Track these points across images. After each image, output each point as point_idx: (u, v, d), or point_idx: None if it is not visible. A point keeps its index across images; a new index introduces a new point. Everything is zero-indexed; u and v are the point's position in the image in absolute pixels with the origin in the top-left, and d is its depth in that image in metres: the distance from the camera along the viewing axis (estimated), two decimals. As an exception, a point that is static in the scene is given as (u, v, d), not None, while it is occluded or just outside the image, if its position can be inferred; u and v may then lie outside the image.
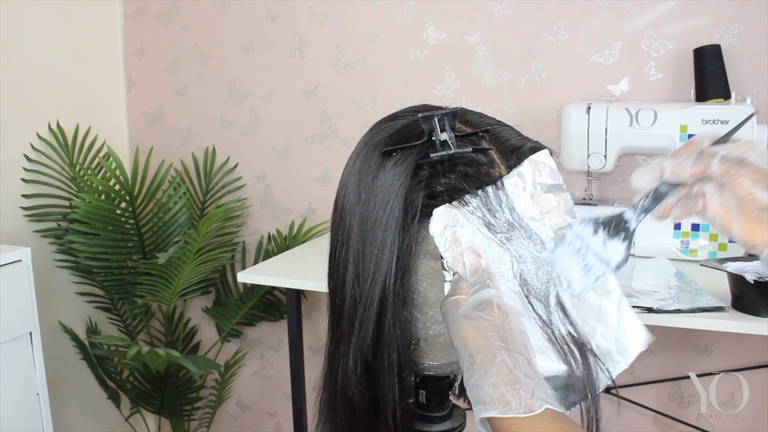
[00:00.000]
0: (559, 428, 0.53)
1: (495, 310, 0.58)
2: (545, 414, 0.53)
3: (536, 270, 0.63)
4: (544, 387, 0.56)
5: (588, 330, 0.64)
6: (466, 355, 0.58)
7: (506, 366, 0.55)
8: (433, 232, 0.61)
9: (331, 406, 0.69)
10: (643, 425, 2.05)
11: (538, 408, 0.53)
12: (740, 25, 1.78)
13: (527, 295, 0.62)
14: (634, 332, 0.65)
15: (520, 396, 0.54)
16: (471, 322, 0.58)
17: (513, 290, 0.62)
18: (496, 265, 0.62)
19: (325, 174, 2.29)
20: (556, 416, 0.54)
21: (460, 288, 0.61)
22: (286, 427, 2.55)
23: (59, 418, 2.24)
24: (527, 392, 0.54)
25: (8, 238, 2.09)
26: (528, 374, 0.55)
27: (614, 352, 0.65)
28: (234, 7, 2.31)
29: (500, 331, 0.57)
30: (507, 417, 0.53)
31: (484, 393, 0.55)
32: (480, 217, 0.62)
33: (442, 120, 0.62)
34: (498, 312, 0.58)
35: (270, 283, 1.82)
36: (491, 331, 0.57)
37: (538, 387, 0.55)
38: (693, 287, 1.47)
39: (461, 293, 0.61)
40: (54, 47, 2.24)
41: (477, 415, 0.56)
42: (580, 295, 0.63)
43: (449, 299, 0.61)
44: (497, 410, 0.54)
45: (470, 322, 0.58)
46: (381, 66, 2.16)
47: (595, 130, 1.75)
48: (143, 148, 2.50)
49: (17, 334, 1.72)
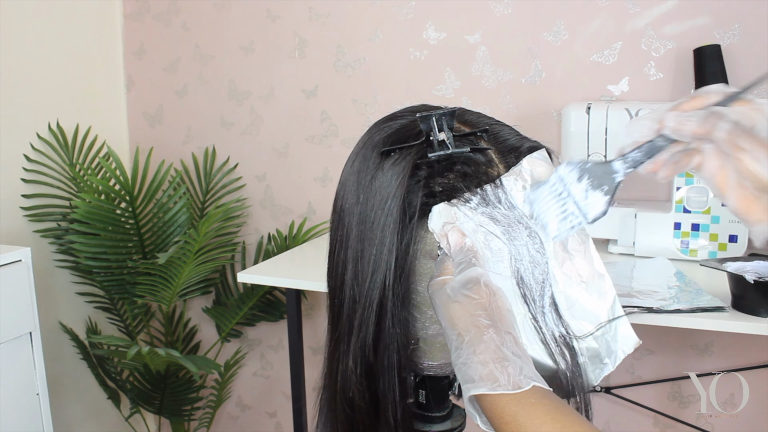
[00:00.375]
0: (548, 405, 0.53)
1: (482, 288, 0.58)
2: (533, 391, 0.54)
3: (533, 269, 0.63)
4: (531, 365, 0.56)
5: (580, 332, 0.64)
6: (454, 334, 0.58)
7: (494, 343, 0.55)
8: (432, 228, 0.61)
9: (331, 407, 0.69)
10: (643, 425, 2.05)
11: (526, 385, 0.54)
12: (740, 25, 1.78)
13: (523, 294, 0.62)
14: (624, 336, 0.65)
15: (508, 373, 0.54)
16: (458, 301, 0.58)
17: (509, 289, 0.62)
18: (494, 264, 0.62)
19: (325, 174, 2.29)
20: (544, 393, 0.54)
21: (445, 268, 0.61)
22: (286, 427, 2.55)
23: (59, 418, 2.24)
24: (515, 369, 0.54)
25: (8, 238, 2.09)
26: (515, 352, 0.56)
27: (603, 354, 0.65)
28: (234, 7, 2.31)
29: (487, 310, 0.57)
30: (496, 394, 0.54)
31: (472, 371, 0.55)
32: (478, 216, 0.62)
33: (440, 120, 0.62)
34: (485, 290, 0.58)
35: (270, 283, 1.81)
36: (478, 309, 0.57)
37: (525, 365, 0.55)
38: (693, 287, 1.47)
39: (447, 273, 0.61)
40: (54, 47, 2.24)
41: (465, 394, 0.56)
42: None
43: (435, 280, 0.61)
44: (486, 387, 0.54)
45: (457, 301, 0.58)
46: (381, 66, 2.16)
47: (595, 130, 1.75)
48: (143, 148, 2.50)
49: (17, 334, 1.72)
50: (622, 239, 1.77)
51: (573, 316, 0.64)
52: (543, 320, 0.63)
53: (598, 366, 0.65)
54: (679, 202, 1.70)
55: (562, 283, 0.63)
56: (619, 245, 1.78)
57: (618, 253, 1.78)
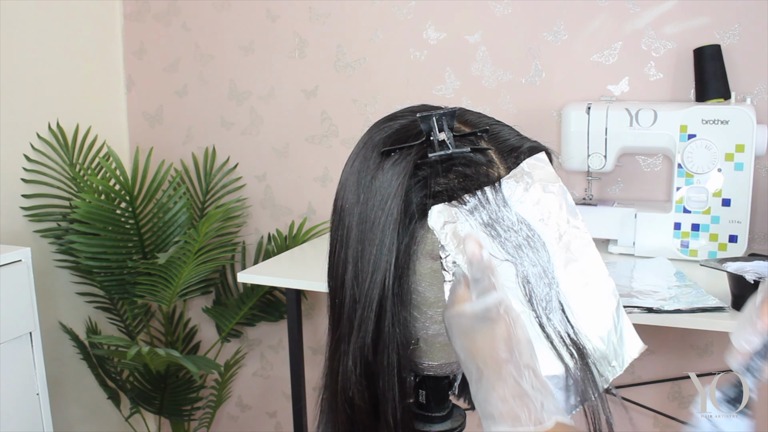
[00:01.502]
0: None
1: (502, 317, 0.56)
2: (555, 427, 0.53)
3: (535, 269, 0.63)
4: (552, 398, 0.55)
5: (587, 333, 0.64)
6: (474, 367, 0.56)
7: (513, 378, 0.54)
8: (432, 225, 0.61)
9: (332, 407, 0.69)
10: (643, 425, 2.05)
11: (548, 421, 0.53)
12: (740, 25, 1.78)
13: (529, 296, 0.62)
14: (630, 339, 0.65)
15: (529, 409, 0.53)
16: (477, 332, 0.56)
17: (512, 290, 0.62)
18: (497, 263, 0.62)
19: (325, 174, 2.29)
20: (566, 428, 0.53)
21: (459, 296, 0.59)
22: (286, 427, 2.55)
23: (59, 418, 2.24)
24: (536, 405, 0.53)
25: (8, 238, 2.09)
26: (535, 386, 0.54)
27: (611, 356, 0.65)
28: (234, 7, 2.31)
29: (507, 342, 0.55)
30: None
31: (492, 407, 0.54)
32: (479, 217, 0.61)
33: (440, 120, 0.62)
34: (505, 319, 0.56)
35: (270, 283, 1.81)
36: (498, 342, 0.55)
37: (546, 399, 0.54)
38: (693, 287, 1.47)
39: (462, 300, 0.59)
40: (54, 47, 2.24)
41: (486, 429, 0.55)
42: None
43: (451, 309, 0.59)
44: (507, 425, 0.53)
45: (476, 332, 0.56)
46: (381, 66, 2.16)
47: (595, 130, 1.75)
48: (143, 148, 2.50)
49: (17, 334, 1.72)
50: (622, 239, 1.77)
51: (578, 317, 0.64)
52: (548, 320, 0.62)
53: (607, 368, 0.64)
54: (679, 202, 1.70)
55: (566, 283, 0.63)
56: (619, 245, 1.78)
57: (618, 253, 1.78)
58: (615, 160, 1.78)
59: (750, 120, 1.61)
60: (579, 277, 0.64)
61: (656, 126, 1.69)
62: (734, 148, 1.63)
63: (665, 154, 1.84)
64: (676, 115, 1.67)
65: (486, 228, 0.62)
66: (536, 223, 0.63)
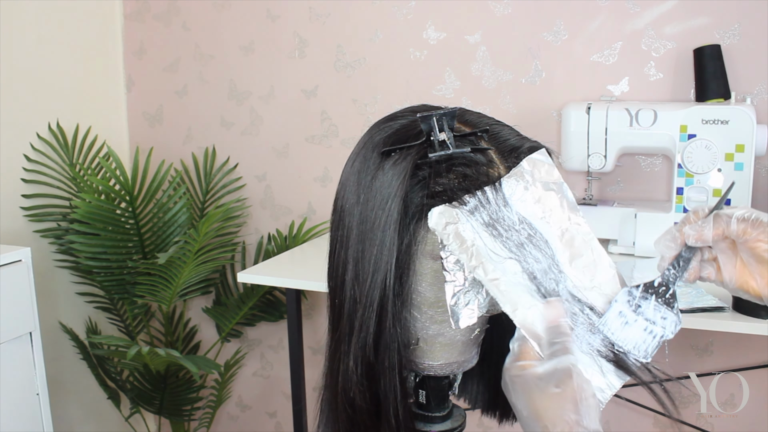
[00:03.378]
0: None
1: (574, 380, 0.57)
2: None
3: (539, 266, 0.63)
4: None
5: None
6: (539, 426, 0.56)
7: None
8: (433, 227, 0.61)
9: (332, 407, 0.69)
10: (643, 425, 2.05)
11: None
12: (740, 25, 1.78)
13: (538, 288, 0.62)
14: None
15: None
16: (547, 392, 0.57)
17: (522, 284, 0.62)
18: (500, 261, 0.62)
19: (325, 174, 2.29)
20: None
21: (525, 351, 0.60)
22: (286, 427, 2.55)
23: (59, 418, 2.24)
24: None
25: (8, 238, 2.09)
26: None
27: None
28: (234, 7, 2.31)
29: (577, 404, 0.56)
30: None
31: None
32: (479, 218, 0.61)
33: (440, 120, 0.62)
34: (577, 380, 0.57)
35: (270, 283, 1.81)
36: (568, 403, 0.56)
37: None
38: (693, 287, 1.47)
39: (528, 357, 0.59)
40: (54, 47, 2.24)
41: None
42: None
43: (517, 363, 0.60)
44: None
45: (546, 392, 0.57)
46: (381, 66, 2.16)
47: (595, 130, 1.75)
48: (143, 148, 2.50)
49: (17, 334, 1.72)
50: (622, 239, 1.77)
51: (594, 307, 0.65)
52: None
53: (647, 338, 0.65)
54: (679, 201, 1.70)
55: (575, 278, 0.64)
56: (619, 245, 1.78)
57: (618, 253, 1.78)
58: (615, 160, 1.78)
59: (750, 120, 1.61)
60: (585, 272, 0.64)
61: (656, 126, 1.70)
62: (734, 148, 1.63)
63: (665, 154, 1.84)
64: (676, 115, 1.68)
65: (487, 228, 0.62)
66: (538, 222, 0.64)
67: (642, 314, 0.64)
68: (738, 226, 0.61)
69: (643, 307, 0.64)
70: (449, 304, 0.63)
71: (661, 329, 0.64)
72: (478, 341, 0.71)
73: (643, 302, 0.64)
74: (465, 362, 0.70)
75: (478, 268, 0.61)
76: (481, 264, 0.61)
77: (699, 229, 0.62)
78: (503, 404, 0.80)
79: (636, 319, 0.64)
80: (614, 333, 0.64)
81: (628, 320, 0.64)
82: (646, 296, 0.64)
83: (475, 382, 0.82)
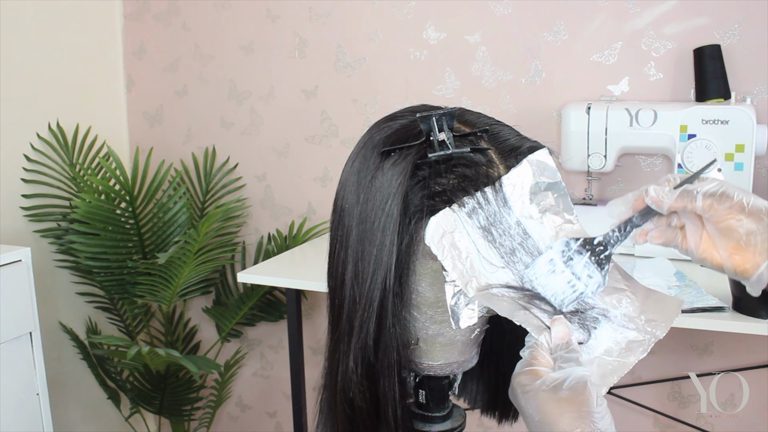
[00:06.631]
0: None
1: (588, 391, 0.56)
2: None
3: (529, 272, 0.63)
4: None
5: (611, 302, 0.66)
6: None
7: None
8: (429, 241, 0.60)
9: (332, 407, 0.69)
10: (643, 425, 2.05)
11: None
12: (740, 25, 1.78)
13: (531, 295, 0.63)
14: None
15: None
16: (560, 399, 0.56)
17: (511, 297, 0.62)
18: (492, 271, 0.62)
19: (325, 174, 2.29)
20: None
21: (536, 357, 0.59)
22: (286, 427, 2.55)
23: (59, 418, 2.24)
24: None
25: (8, 238, 2.08)
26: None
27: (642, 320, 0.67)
28: (234, 7, 2.31)
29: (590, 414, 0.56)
30: None
31: None
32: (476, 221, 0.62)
33: (440, 120, 0.62)
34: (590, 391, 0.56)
35: (270, 283, 1.82)
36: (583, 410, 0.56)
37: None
38: (693, 287, 1.47)
39: (540, 364, 0.59)
40: (54, 47, 2.23)
41: None
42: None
43: (526, 369, 0.59)
44: None
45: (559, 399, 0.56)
46: (381, 66, 2.16)
47: (595, 130, 1.75)
48: (143, 148, 2.50)
49: (17, 334, 1.72)
50: (622, 239, 1.77)
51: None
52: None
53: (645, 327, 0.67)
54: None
55: None
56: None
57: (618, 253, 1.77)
58: (615, 160, 1.78)
59: (750, 120, 1.61)
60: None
61: (656, 126, 1.69)
62: (734, 148, 1.63)
63: (665, 154, 1.84)
64: (676, 115, 1.67)
65: (483, 232, 0.62)
66: (533, 222, 0.64)
67: (571, 267, 0.64)
68: (704, 201, 0.61)
69: (574, 261, 0.64)
70: (449, 304, 0.63)
71: (583, 286, 0.64)
72: (478, 341, 0.71)
73: (576, 256, 0.64)
74: (465, 362, 0.70)
75: (472, 282, 0.61)
76: (475, 278, 0.61)
77: (660, 195, 0.62)
78: (503, 404, 0.80)
79: (564, 270, 0.63)
80: (538, 277, 0.63)
81: (556, 269, 0.63)
82: (581, 251, 0.64)
83: (474, 382, 0.82)
